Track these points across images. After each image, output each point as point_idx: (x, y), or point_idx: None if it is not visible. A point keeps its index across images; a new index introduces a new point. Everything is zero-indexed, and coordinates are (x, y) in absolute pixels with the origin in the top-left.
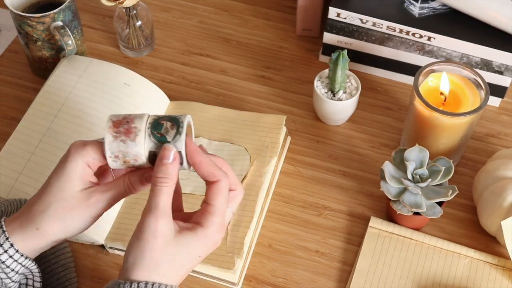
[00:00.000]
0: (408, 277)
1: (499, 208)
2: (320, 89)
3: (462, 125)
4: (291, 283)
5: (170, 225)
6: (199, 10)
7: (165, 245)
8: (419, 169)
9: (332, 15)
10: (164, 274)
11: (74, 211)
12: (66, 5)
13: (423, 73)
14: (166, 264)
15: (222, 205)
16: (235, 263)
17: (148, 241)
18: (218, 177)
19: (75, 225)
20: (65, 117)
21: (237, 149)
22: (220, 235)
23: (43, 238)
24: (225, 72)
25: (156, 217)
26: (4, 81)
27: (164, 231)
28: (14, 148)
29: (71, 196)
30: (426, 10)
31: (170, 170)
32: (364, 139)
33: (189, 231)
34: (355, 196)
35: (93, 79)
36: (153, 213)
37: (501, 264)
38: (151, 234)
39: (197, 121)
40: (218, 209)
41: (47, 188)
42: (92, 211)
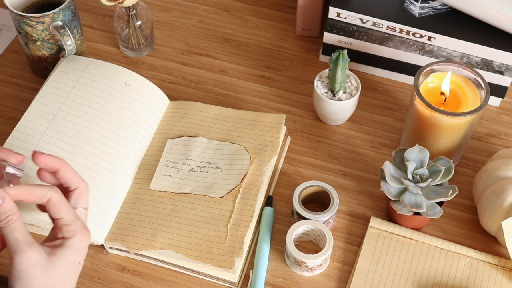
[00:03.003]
0: (408, 277)
1: (499, 208)
2: (320, 89)
3: (462, 125)
4: (291, 283)
5: (40, 251)
6: (199, 10)
7: (45, 269)
8: (419, 169)
9: (332, 15)
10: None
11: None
12: (65, 5)
13: (423, 73)
14: (55, 285)
15: (69, 213)
16: (235, 262)
17: (29, 275)
18: (47, 195)
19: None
20: (65, 117)
21: (237, 148)
22: (86, 236)
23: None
24: (225, 72)
25: (24, 252)
26: (3, 80)
27: (37, 259)
28: (13, 147)
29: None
30: (426, 10)
31: (6, 209)
32: (364, 139)
33: (59, 247)
34: (355, 196)
35: (93, 79)
36: (19, 250)
37: (501, 264)
38: (28, 268)
39: (197, 120)
40: (69, 218)
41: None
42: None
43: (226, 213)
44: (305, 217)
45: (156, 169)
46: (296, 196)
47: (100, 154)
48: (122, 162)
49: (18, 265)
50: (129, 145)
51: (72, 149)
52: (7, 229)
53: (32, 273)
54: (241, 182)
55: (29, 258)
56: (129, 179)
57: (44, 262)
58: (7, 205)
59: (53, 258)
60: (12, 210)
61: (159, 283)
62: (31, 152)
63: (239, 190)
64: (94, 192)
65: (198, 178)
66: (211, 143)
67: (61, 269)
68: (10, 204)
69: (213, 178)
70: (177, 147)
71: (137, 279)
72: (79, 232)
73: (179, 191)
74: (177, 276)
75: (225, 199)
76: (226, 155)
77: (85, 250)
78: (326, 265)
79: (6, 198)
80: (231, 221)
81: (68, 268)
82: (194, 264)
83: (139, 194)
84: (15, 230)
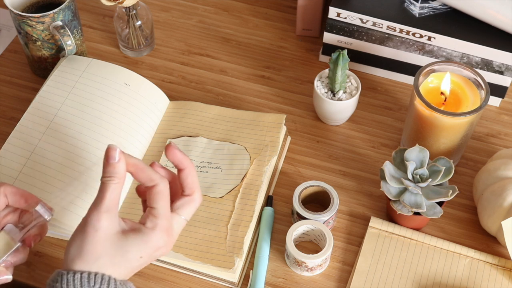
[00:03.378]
0: (408, 277)
1: (499, 208)
2: (320, 89)
3: (463, 125)
4: (291, 283)
5: (113, 221)
6: (199, 10)
7: (105, 239)
8: (419, 169)
9: (332, 15)
10: (104, 268)
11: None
12: (65, 5)
13: (423, 73)
14: (106, 258)
15: (164, 208)
16: (235, 262)
17: (89, 234)
18: (155, 181)
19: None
20: (65, 117)
21: (237, 148)
22: (165, 240)
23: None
24: (225, 72)
25: (99, 211)
26: (3, 80)
27: (105, 226)
28: (13, 147)
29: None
30: (426, 10)
31: (116, 169)
32: (364, 139)
33: (132, 231)
34: (355, 196)
35: (93, 79)
36: (96, 208)
37: (501, 264)
38: (92, 227)
39: (197, 120)
40: (161, 212)
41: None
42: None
43: (226, 213)
44: (305, 217)
45: None
46: (296, 196)
47: (100, 154)
48: None
49: (87, 218)
50: (129, 145)
51: (72, 149)
52: (103, 184)
53: (92, 234)
54: (241, 182)
55: (99, 220)
56: (129, 179)
57: (109, 232)
58: (119, 166)
59: (120, 235)
60: (119, 173)
61: (159, 283)
62: (31, 152)
63: (239, 190)
64: (94, 192)
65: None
66: (211, 143)
67: (119, 249)
68: (121, 168)
69: (213, 178)
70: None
71: (137, 279)
72: (160, 229)
73: None
74: (177, 276)
75: (225, 199)
76: (226, 155)
77: (155, 251)
78: (326, 265)
79: (121, 161)
80: (231, 221)
81: (126, 253)
82: (194, 264)
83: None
84: (107, 190)
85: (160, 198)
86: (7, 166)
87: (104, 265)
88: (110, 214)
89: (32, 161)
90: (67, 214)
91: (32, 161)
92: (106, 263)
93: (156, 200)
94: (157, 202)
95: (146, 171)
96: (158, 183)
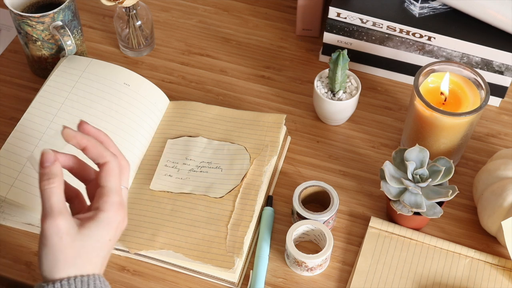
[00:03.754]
0: (408, 277)
1: (499, 208)
2: (320, 89)
3: (462, 125)
4: (291, 283)
5: (70, 222)
6: (199, 10)
7: (73, 240)
8: (419, 169)
9: (332, 15)
10: (82, 268)
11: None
12: (65, 5)
13: (423, 73)
14: (81, 258)
15: (115, 185)
16: (235, 262)
17: (55, 244)
18: (107, 158)
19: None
20: (65, 117)
21: (237, 148)
22: (122, 214)
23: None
24: (225, 72)
25: (54, 218)
26: (3, 80)
27: (66, 229)
28: (13, 147)
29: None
30: (426, 10)
31: (53, 170)
32: (364, 139)
33: (91, 220)
34: (355, 196)
35: (93, 79)
36: (50, 216)
37: (501, 264)
38: (55, 236)
39: (197, 120)
40: (113, 189)
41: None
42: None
43: (226, 213)
44: (305, 217)
45: (156, 169)
46: (296, 196)
47: None
48: None
49: (46, 230)
50: (129, 145)
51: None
52: (45, 192)
53: (58, 242)
54: (241, 182)
55: (58, 225)
56: (129, 179)
57: (72, 232)
58: (54, 167)
59: (82, 230)
60: (56, 175)
61: (159, 283)
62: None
63: (239, 190)
64: None
65: (198, 178)
66: (211, 143)
67: (89, 243)
68: (57, 168)
69: (213, 178)
70: (177, 147)
71: (137, 279)
72: (114, 208)
73: (179, 191)
74: (177, 276)
75: (225, 199)
76: (226, 155)
77: (118, 229)
78: (326, 265)
79: (56, 163)
80: (231, 221)
81: (96, 243)
82: (194, 264)
83: (139, 194)
84: (52, 195)
85: (112, 175)
86: (7, 166)
87: (81, 265)
88: (64, 216)
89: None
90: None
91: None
92: (83, 263)
93: (108, 178)
94: (109, 180)
95: (97, 148)
96: (109, 160)
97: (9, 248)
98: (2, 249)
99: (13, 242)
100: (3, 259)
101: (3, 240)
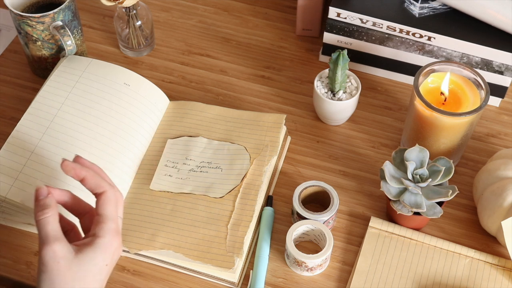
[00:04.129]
0: (408, 277)
1: (499, 208)
2: (320, 89)
3: (462, 125)
4: (291, 283)
5: (67, 247)
6: (199, 10)
7: (70, 265)
8: (419, 169)
9: (332, 15)
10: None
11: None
12: (65, 5)
13: (423, 73)
14: (78, 281)
15: (112, 213)
16: (235, 262)
17: (53, 268)
18: (104, 187)
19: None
20: (65, 117)
21: (236, 148)
22: (118, 241)
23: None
24: (225, 72)
25: (50, 244)
26: (3, 80)
27: (63, 253)
28: (13, 147)
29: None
30: (426, 10)
31: (47, 202)
32: (364, 139)
33: (87, 245)
34: (355, 196)
35: (93, 79)
36: (46, 243)
37: (501, 264)
38: (53, 261)
39: (197, 120)
40: (109, 217)
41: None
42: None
43: (226, 213)
44: (305, 217)
45: (156, 169)
46: (296, 196)
47: (100, 154)
48: (122, 162)
49: (44, 257)
50: (129, 145)
51: (72, 149)
52: (40, 222)
53: (56, 267)
54: (241, 182)
55: (55, 251)
56: (129, 179)
57: (69, 258)
58: (48, 200)
59: (79, 255)
60: (49, 206)
61: (159, 283)
62: (31, 152)
63: (239, 190)
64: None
65: (198, 178)
66: (211, 143)
67: (86, 267)
68: (50, 200)
69: (213, 178)
70: (177, 147)
71: (137, 279)
72: (111, 234)
73: (179, 191)
74: (177, 276)
75: (225, 199)
76: (226, 155)
77: (114, 254)
78: (326, 265)
79: (49, 196)
80: (231, 221)
81: (93, 267)
82: (194, 264)
83: (139, 194)
84: (47, 224)
85: (109, 203)
86: (7, 166)
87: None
88: (60, 242)
89: (32, 161)
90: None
91: (32, 161)
92: (81, 286)
93: (105, 206)
94: (106, 208)
95: (95, 178)
96: (106, 189)
97: (9, 248)
98: (2, 249)
99: (13, 242)
100: (3, 259)
101: (3, 240)
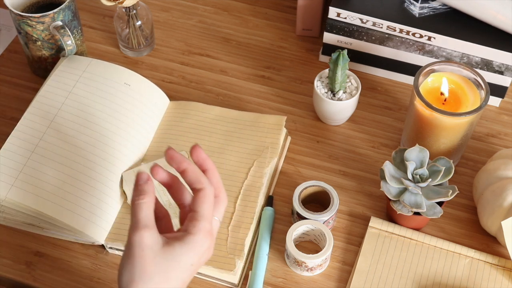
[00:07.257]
0: (408, 277)
1: (499, 208)
2: (320, 89)
3: (462, 125)
4: (291, 283)
5: (155, 237)
6: (199, 10)
7: (154, 256)
8: (419, 169)
9: (332, 15)
10: (159, 286)
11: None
12: (66, 5)
13: (423, 73)
14: (159, 275)
15: (207, 211)
16: (236, 264)
17: (136, 255)
18: (203, 184)
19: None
20: (65, 117)
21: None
22: (209, 242)
23: None
24: (225, 72)
25: (139, 231)
26: (3, 80)
27: (150, 243)
28: (14, 147)
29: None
30: (426, 10)
31: (145, 188)
32: (364, 139)
33: (177, 240)
34: (355, 196)
35: (93, 79)
36: (136, 228)
37: (501, 264)
38: (138, 247)
39: (197, 121)
40: (204, 215)
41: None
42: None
43: (227, 214)
44: (305, 217)
45: None
46: (296, 196)
47: (100, 154)
48: (123, 162)
49: (130, 241)
50: (129, 145)
51: (72, 149)
52: (135, 205)
53: (140, 254)
54: (242, 184)
55: (142, 237)
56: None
57: (155, 248)
58: (147, 186)
59: (166, 248)
60: (147, 192)
61: None
62: (31, 152)
63: (240, 192)
64: (94, 192)
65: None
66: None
67: (170, 263)
68: (149, 187)
69: None
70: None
71: None
72: (202, 233)
73: None
74: None
75: None
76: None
77: (203, 255)
78: (326, 265)
79: (149, 182)
80: (232, 222)
81: (178, 264)
82: None
83: None
84: (140, 209)
85: (206, 202)
86: (7, 166)
87: (158, 283)
88: (150, 230)
89: (32, 161)
90: (67, 214)
91: (32, 161)
92: (160, 281)
93: (201, 204)
94: (202, 206)
95: (196, 173)
96: (205, 186)
97: (9, 248)
98: (2, 249)
99: (13, 242)
100: (3, 259)
101: (3, 240)
